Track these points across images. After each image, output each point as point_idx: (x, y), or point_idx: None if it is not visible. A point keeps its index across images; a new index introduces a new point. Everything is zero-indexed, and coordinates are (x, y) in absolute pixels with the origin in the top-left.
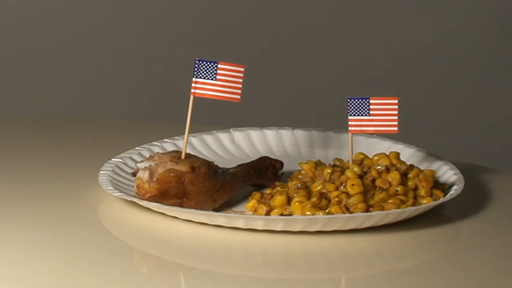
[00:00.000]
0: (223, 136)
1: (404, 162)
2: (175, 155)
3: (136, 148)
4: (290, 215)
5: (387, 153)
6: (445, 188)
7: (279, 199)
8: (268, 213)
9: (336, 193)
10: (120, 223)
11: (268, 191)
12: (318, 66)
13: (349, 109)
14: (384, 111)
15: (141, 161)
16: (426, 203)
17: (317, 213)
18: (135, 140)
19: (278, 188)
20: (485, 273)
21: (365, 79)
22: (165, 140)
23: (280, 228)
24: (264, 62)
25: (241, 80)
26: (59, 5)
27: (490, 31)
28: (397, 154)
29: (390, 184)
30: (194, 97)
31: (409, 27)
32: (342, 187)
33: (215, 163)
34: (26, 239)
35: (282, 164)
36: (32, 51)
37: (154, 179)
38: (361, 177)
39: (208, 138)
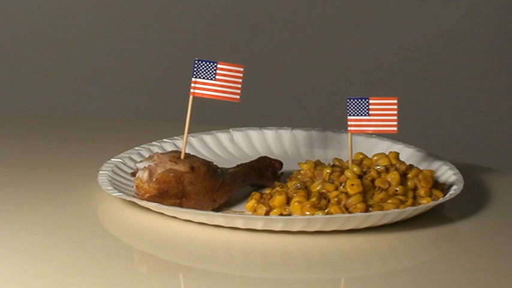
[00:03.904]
0: (222, 136)
1: (403, 162)
2: (175, 155)
3: (136, 148)
4: (289, 215)
5: (386, 153)
6: (444, 188)
7: (278, 199)
8: (267, 213)
9: (335, 193)
10: (119, 223)
11: (267, 191)
12: (318, 66)
13: (348, 109)
14: (383, 111)
15: (141, 161)
16: (425, 203)
17: (316, 213)
18: (134, 140)
19: (277, 188)
20: (484, 273)
21: (364, 79)
22: (164, 140)
23: (280, 228)
24: (264, 62)
25: (240, 80)
26: (58, 5)
27: (490, 31)
28: (397, 154)
29: (389, 184)
30: (193, 97)
31: (408, 27)
32: (341, 187)
33: (214, 163)
34: (25, 239)
35: (281, 164)
36: (32, 51)
37: (154, 179)
38: (360, 177)
39: (207, 138)
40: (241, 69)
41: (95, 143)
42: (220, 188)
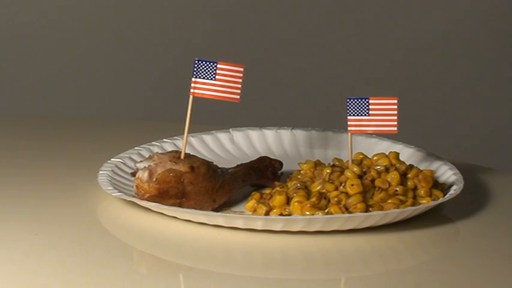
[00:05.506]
0: (222, 136)
1: (403, 162)
2: (175, 155)
3: (136, 148)
4: (289, 215)
5: (386, 153)
6: (444, 188)
7: (278, 199)
8: (267, 213)
9: (335, 193)
10: (119, 223)
11: (267, 191)
12: (318, 66)
13: (348, 109)
14: (383, 111)
15: (141, 161)
16: (425, 203)
17: (316, 213)
18: (134, 140)
19: (277, 188)
20: (485, 273)
21: (365, 79)
22: (164, 140)
23: (280, 228)
24: (264, 62)
25: (240, 80)
26: (59, 5)
27: (490, 31)
28: (397, 154)
29: (389, 184)
30: (193, 97)
31: (409, 27)
32: (341, 187)
33: (214, 163)
34: (25, 239)
35: (281, 164)
36: (32, 51)
37: (154, 179)
38: (360, 177)
39: (207, 138)
40: (241, 69)
41: (95, 143)
42: (220, 188)
